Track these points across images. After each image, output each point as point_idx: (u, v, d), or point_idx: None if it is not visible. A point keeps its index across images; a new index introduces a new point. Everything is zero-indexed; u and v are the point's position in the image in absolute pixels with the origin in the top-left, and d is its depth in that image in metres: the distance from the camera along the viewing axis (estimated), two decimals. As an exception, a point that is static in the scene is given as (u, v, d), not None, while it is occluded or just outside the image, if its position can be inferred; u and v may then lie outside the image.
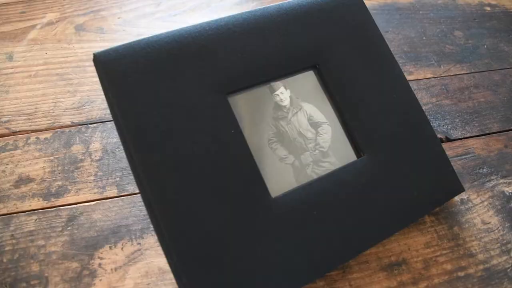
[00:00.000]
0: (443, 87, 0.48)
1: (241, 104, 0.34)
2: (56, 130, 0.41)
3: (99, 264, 0.34)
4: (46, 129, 0.41)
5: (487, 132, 0.45)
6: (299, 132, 0.36)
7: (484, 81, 0.49)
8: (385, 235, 0.35)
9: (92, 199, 0.37)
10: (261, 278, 0.31)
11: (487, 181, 0.42)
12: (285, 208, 0.32)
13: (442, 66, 0.50)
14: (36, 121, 0.42)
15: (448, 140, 0.44)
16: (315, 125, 0.36)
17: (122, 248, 0.35)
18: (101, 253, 0.35)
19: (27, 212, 0.36)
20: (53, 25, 0.49)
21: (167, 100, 0.32)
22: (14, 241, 0.35)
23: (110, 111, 0.32)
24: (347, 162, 0.36)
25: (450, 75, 0.49)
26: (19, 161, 0.39)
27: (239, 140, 0.33)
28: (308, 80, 0.37)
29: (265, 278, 0.31)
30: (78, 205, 0.37)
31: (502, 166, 0.43)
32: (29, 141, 0.40)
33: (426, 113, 0.46)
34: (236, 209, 0.31)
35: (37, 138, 0.41)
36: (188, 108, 0.33)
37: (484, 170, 0.42)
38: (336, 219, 0.33)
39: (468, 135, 0.45)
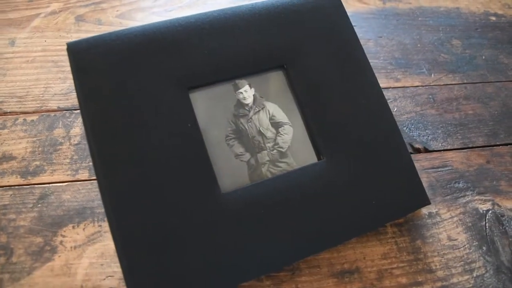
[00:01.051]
0: (430, 96, 0.46)
1: (203, 99, 0.35)
2: (43, 113, 0.44)
3: (61, 242, 0.36)
4: (33, 112, 0.44)
5: (470, 146, 0.43)
6: (258, 131, 0.36)
7: (475, 93, 0.47)
8: (337, 241, 0.35)
9: (64, 180, 0.40)
10: (202, 271, 0.31)
11: (461, 196, 0.40)
12: (234, 204, 0.33)
13: (433, 75, 0.48)
14: (26, 104, 0.44)
15: (427, 151, 0.43)
16: (276, 125, 0.36)
17: (84, 229, 0.37)
18: (64, 231, 0.37)
19: (4, 188, 0.39)
20: (55, 15, 0.52)
21: (129, 91, 0.34)
22: (-13, 213, 0.37)
23: (77, 99, 0.34)
24: (306, 164, 0.36)
25: (439, 85, 0.47)
26: (5, 140, 0.42)
27: (195, 134, 0.34)
28: (276, 80, 0.38)
29: (206, 271, 0.31)
30: (50, 184, 0.39)
31: (480, 182, 0.41)
32: (16, 122, 0.43)
33: (408, 122, 0.45)
34: (185, 201, 0.32)
35: (25, 119, 0.43)
36: (149, 100, 0.34)
37: (460, 184, 0.41)
38: (286, 220, 0.34)
39: (449, 147, 0.43)
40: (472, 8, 0.56)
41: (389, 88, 0.47)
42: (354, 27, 0.53)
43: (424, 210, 0.39)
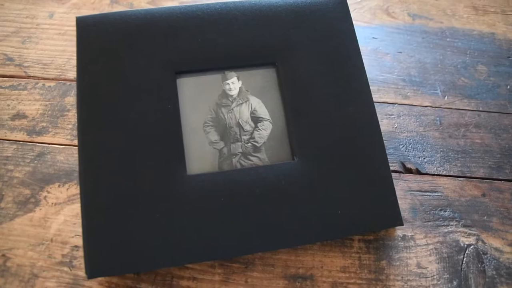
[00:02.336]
0: (437, 118, 0.44)
1: (189, 85, 0.37)
2: (60, 81, 0.48)
3: (45, 197, 0.39)
4: (53, 79, 0.48)
5: (468, 175, 0.41)
6: (237, 123, 0.36)
7: (489, 122, 0.44)
8: (293, 243, 0.35)
9: (62, 143, 0.43)
10: (153, 243, 0.32)
11: (444, 225, 0.38)
12: (196, 187, 0.34)
13: (446, 97, 0.46)
14: (48, 71, 0.49)
15: (419, 172, 0.41)
16: (256, 119, 0.37)
17: (67, 189, 0.40)
18: (50, 188, 0.40)
19: (11, 141, 0.43)
20: (94, -5, 0.57)
21: (121, 69, 0.36)
22: (-9, 160, 0.41)
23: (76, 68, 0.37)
24: (278, 163, 0.36)
25: (451, 108, 0.45)
26: (22, 100, 0.46)
27: (173, 116, 0.35)
28: (266, 76, 0.38)
29: (158, 244, 0.32)
30: (50, 145, 0.43)
31: (469, 214, 0.38)
32: (36, 86, 0.47)
33: (406, 141, 0.43)
34: (150, 176, 0.34)
35: (43, 84, 0.47)
36: (137, 79, 0.36)
37: (446, 213, 0.38)
38: (244, 212, 0.34)
39: (444, 173, 0.41)
40: (509, 35, 0.52)
41: (395, 104, 0.45)
42: (375, 40, 0.52)
43: (399, 232, 0.37)
